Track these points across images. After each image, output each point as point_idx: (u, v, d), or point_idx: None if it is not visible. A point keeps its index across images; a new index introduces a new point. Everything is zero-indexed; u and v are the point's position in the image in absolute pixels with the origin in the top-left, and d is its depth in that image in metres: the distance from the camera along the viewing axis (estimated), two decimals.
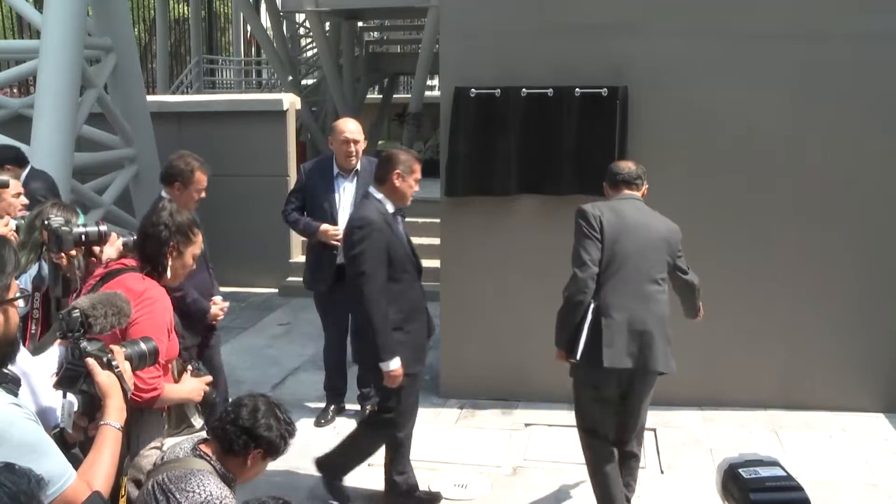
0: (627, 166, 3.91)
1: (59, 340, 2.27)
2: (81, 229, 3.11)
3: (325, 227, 4.78)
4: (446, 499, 4.21)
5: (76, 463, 1.94)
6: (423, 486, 4.28)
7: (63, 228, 3.04)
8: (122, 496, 2.18)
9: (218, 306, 4.18)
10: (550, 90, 4.93)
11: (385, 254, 3.68)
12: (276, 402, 2.61)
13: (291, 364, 6.00)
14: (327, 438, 4.92)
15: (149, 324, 2.59)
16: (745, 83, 4.88)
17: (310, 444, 4.84)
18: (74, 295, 2.98)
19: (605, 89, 4.88)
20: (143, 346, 2.28)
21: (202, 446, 2.53)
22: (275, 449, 2.53)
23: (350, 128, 4.85)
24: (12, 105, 6.90)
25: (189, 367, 2.87)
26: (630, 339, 3.53)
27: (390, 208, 3.82)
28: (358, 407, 5.19)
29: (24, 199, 3.74)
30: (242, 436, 2.48)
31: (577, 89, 4.91)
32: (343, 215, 4.73)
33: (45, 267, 3.17)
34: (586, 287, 3.52)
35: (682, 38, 4.88)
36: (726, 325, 4.88)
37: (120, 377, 2.10)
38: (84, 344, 2.10)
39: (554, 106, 4.94)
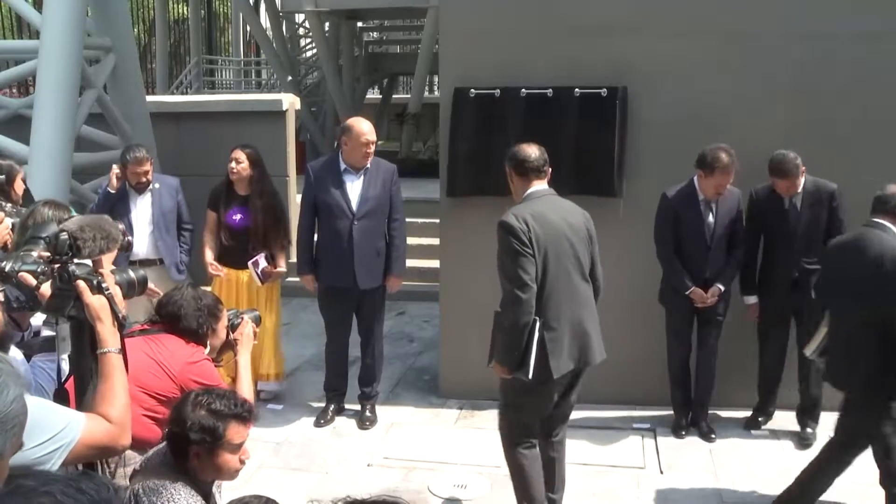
0: (534, 151, 3.64)
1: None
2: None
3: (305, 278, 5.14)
4: (446, 499, 4.21)
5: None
6: (423, 486, 4.29)
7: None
8: None
9: None
10: (550, 90, 4.93)
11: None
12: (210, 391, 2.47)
13: (291, 364, 5.99)
14: (327, 438, 4.92)
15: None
16: (744, 83, 4.87)
17: (309, 444, 4.85)
18: None
19: (605, 89, 4.88)
20: (131, 273, 2.20)
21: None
22: (214, 433, 2.34)
23: (367, 129, 4.79)
24: (12, 105, 6.88)
25: None
26: (571, 343, 3.54)
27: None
28: (358, 407, 5.18)
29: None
30: (190, 437, 2.35)
31: (576, 89, 4.91)
32: (355, 209, 4.79)
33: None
34: (531, 307, 3.41)
35: (682, 38, 4.87)
36: (727, 325, 4.87)
37: (111, 299, 2.03)
38: (73, 267, 2.02)
39: (554, 106, 4.93)
